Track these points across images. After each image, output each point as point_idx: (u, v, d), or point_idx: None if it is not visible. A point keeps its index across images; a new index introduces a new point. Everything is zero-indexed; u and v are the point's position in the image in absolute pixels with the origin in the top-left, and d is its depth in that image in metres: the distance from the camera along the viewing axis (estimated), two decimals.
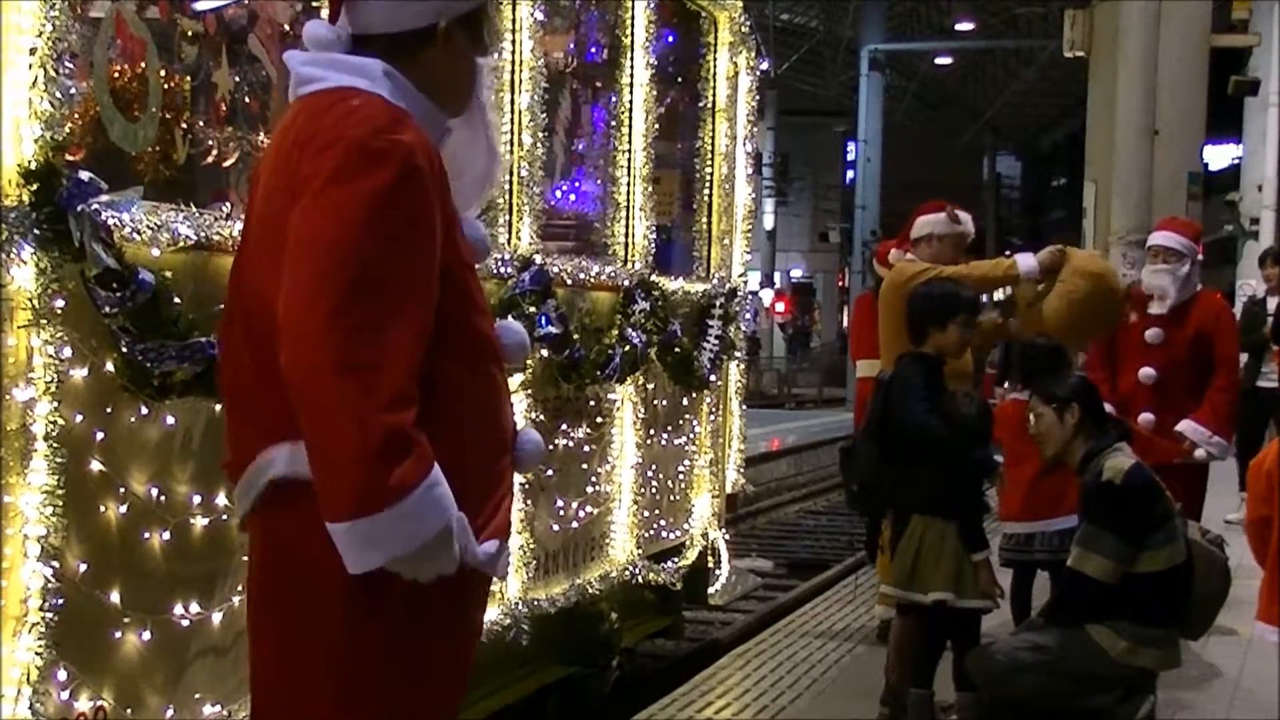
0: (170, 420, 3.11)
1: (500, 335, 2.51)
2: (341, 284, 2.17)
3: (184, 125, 3.68)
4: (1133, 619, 4.91)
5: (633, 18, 5.45)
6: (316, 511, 2.22)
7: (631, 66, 5.47)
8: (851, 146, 40.36)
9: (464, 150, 2.52)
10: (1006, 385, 7.42)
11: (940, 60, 39.93)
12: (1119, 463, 4.98)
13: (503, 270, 4.56)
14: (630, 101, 5.50)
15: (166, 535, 3.11)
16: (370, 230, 2.20)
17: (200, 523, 3.23)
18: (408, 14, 2.39)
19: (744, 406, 7.48)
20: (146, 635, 3.06)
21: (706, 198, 6.67)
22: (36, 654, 2.67)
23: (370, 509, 2.17)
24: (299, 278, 2.20)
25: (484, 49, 2.52)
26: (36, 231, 2.67)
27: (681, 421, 6.38)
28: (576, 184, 6.09)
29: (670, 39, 6.38)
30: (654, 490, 6.02)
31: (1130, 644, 4.89)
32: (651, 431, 5.93)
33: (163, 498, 3.11)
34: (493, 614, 4.56)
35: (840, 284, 44.19)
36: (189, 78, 3.76)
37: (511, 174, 4.68)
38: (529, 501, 4.70)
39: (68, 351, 2.76)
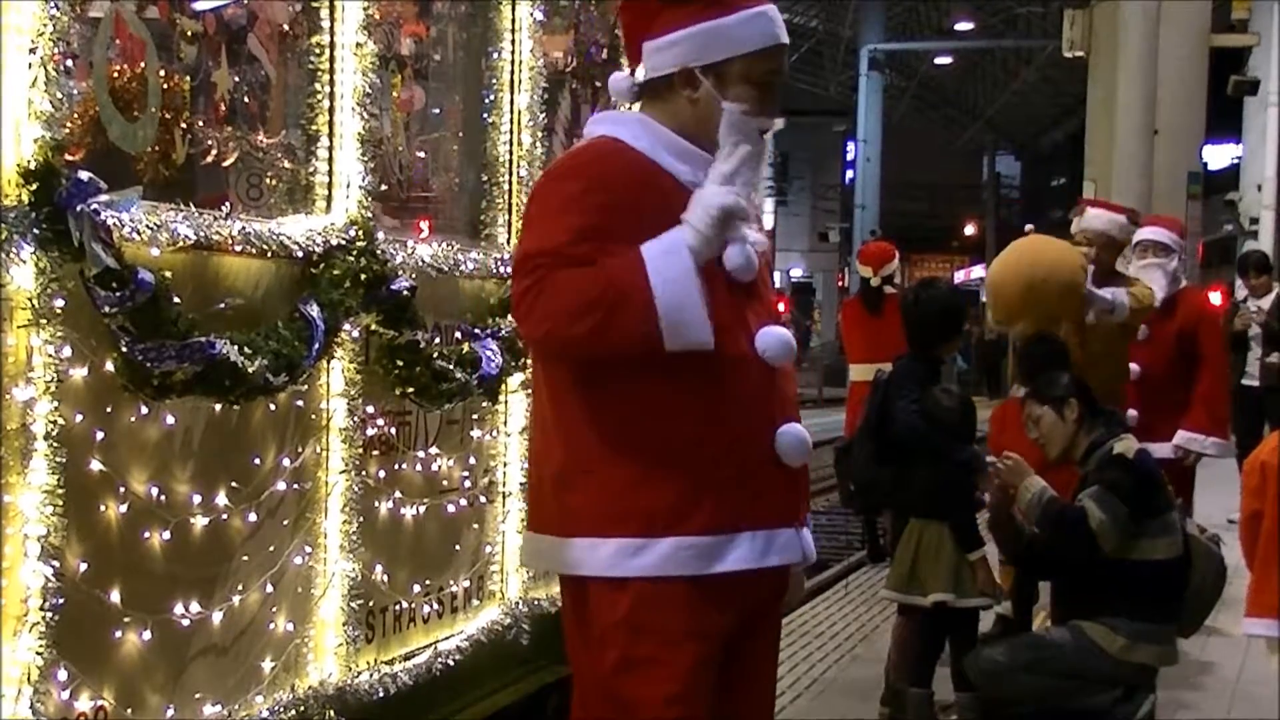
0: (170, 420, 3.11)
1: (760, 339, 2.79)
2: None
3: (183, 125, 3.68)
4: (1130, 615, 4.92)
5: None
6: None
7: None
8: (851, 146, 40.41)
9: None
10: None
11: (940, 60, 39.93)
12: (1129, 444, 5.06)
13: (503, 270, 4.56)
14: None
15: (166, 535, 3.11)
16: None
17: (200, 522, 3.23)
18: (660, 61, 2.82)
19: None
20: (147, 635, 3.06)
21: None
22: (37, 654, 2.67)
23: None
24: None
25: (735, 97, 2.77)
26: (36, 231, 2.66)
27: None
28: None
29: None
30: None
31: (1128, 641, 4.90)
32: None
33: (163, 497, 3.11)
34: (493, 614, 4.56)
35: (840, 284, 44.22)
36: (188, 78, 3.76)
37: (511, 174, 4.69)
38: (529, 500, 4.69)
39: (67, 351, 2.75)
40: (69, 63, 2.73)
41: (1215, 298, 16.44)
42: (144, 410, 3.03)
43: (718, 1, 2.80)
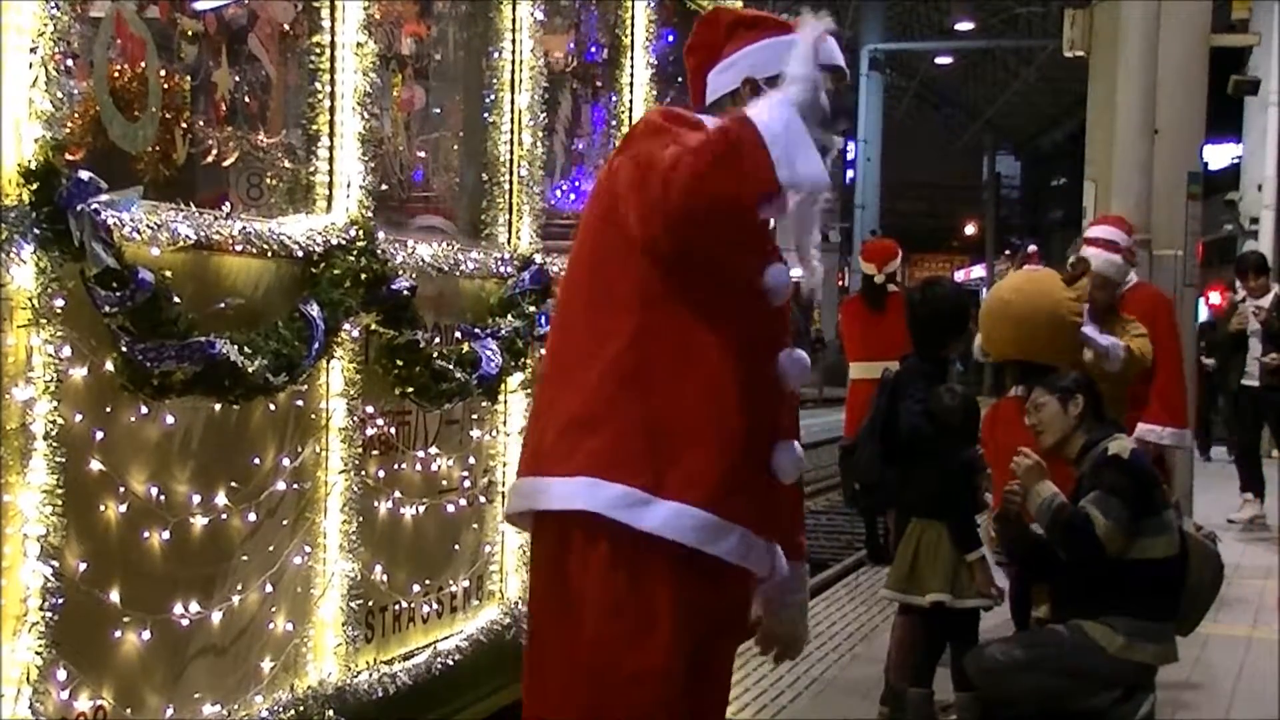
0: (170, 420, 3.11)
1: (784, 362, 2.86)
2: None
3: (184, 125, 3.69)
4: (1128, 613, 4.92)
5: (633, 18, 5.45)
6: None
7: (631, 66, 5.47)
8: (851, 146, 40.39)
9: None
10: None
11: (940, 60, 39.92)
12: (1124, 444, 5.08)
13: (503, 270, 4.57)
14: (630, 101, 5.51)
15: (166, 535, 3.11)
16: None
17: (200, 522, 3.23)
18: (723, 81, 2.92)
19: None
20: (146, 635, 3.06)
21: None
22: (36, 653, 2.67)
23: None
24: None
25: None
26: (36, 231, 2.67)
27: None
28: (576, 184, 6.08)
29: (670, 39, 6.38)
30: None
31: (1127, 640, 4.90)
32: None
33: (162, 497, 3.11)
34: (493, 614, 4.57)
35: (840, 283, 44.25)
36: (189, 77, 3.77)
37: (511, 174, 4.69)
38: None
39: (67, 351, 2.76)
40: (69, 62, 2.73)
41: (1215, 297, 16.40)
42: (144, 410, 3.03)
43: (778, 25, 2.92)
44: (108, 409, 2.94)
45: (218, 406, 3.25)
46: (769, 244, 2.86)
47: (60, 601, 2.71)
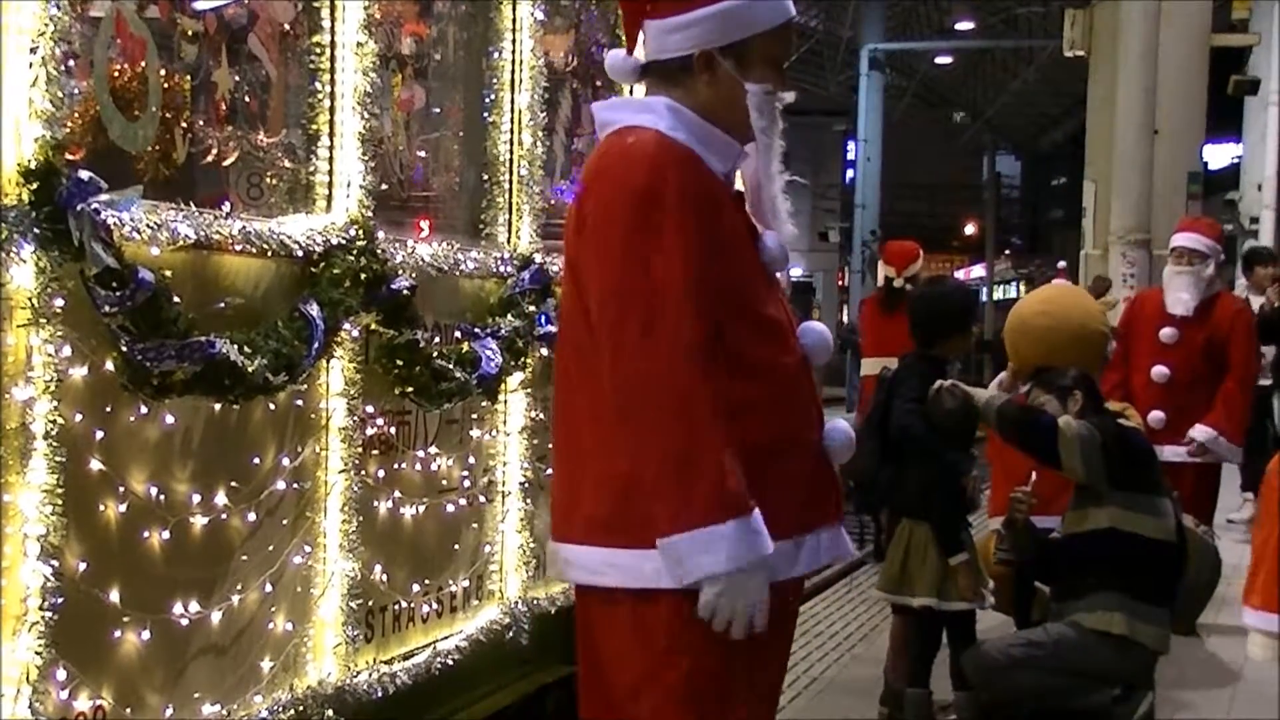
0: (170, 420, 3.11)
1: (802, 336, 2.77)
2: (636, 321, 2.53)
3: (184, 125, 3.68)
4: (1126, 591, 4.91)
5: None
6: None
7: None
8: (851, 146, 40.39)
9: (758, 174, 2.80)
10: None
11: (940, 60, 39.91)
12: (1126, 422, 5.11)
13: (503, 269, 4.57)
14: None
15: (166, 534, 3.11)
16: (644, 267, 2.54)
17: (200, 522, 3.23)
18: (674, 43, 2.70)
19: None
20: (146, 634, 3.06)
21: None
22: (36, 653, 2.67)
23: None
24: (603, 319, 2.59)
25: (759, 78, 2.71)
26: (36, 231, 2.66)
27: None
28: (577, 183, 6.08)
29: None
30: None
31: (1127, 618, 4.88)
32: None
33: (162, 497, 3.11)
34: (493, 614, 4.56)
35: (840, 283, 44.22)
36: (189, 77, 3.76)
37: (511, 173, 4.69)
38: (528, 500, 4.70)
39: (67, 350, 2.75)
40: (70, 62, 2.73)
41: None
42: (144, 410, 3.03)
43: None
44: (108, 409, 2.94)
45: (218, 406, 3.25)
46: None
47: (60, 601, 2.71)
